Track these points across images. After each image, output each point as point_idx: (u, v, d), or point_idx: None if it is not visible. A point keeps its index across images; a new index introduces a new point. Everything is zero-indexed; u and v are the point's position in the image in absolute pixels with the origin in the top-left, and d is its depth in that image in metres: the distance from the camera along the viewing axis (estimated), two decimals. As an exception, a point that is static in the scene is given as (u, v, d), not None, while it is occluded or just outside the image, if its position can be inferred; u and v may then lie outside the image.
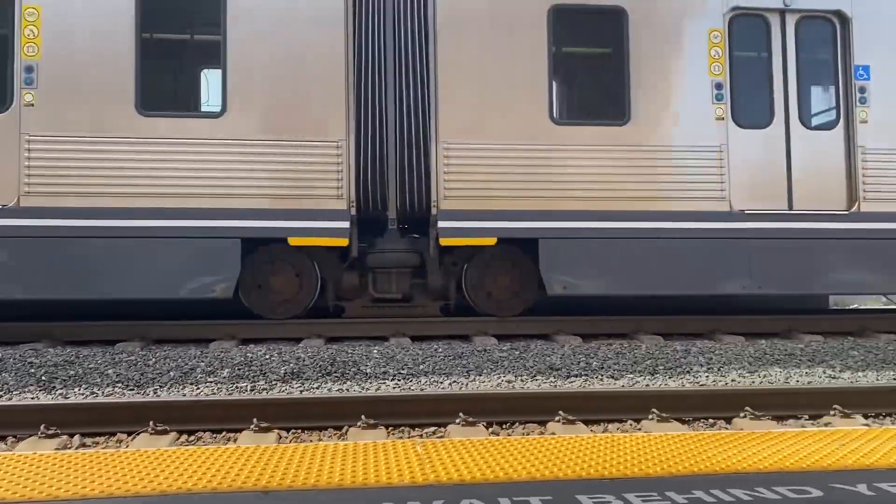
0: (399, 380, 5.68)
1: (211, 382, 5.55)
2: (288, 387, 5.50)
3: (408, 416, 4.84)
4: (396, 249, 7.56)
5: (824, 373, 6.11)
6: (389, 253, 7.52)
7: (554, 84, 7.53)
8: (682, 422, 4.94)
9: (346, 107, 7.03)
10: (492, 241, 7.25)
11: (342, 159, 7.01)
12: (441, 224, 7.15)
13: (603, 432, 4.82)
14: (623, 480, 2.38)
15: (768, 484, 2.30)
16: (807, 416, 5.06)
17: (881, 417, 5.11)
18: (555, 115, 7.45)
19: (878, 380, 5.95)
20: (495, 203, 7.21)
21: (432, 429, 4.75)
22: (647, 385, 5.80)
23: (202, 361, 5.94)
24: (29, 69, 6.72)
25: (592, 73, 8.27)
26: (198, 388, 5.38)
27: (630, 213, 7.35)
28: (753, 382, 5.85)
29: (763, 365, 6.25)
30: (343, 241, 7.06)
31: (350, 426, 4.62)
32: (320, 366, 5.88)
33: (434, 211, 7.21)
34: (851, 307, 15.87)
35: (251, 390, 5.42)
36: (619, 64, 7.48)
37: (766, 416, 4.93)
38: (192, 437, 4.53)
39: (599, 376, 5.95)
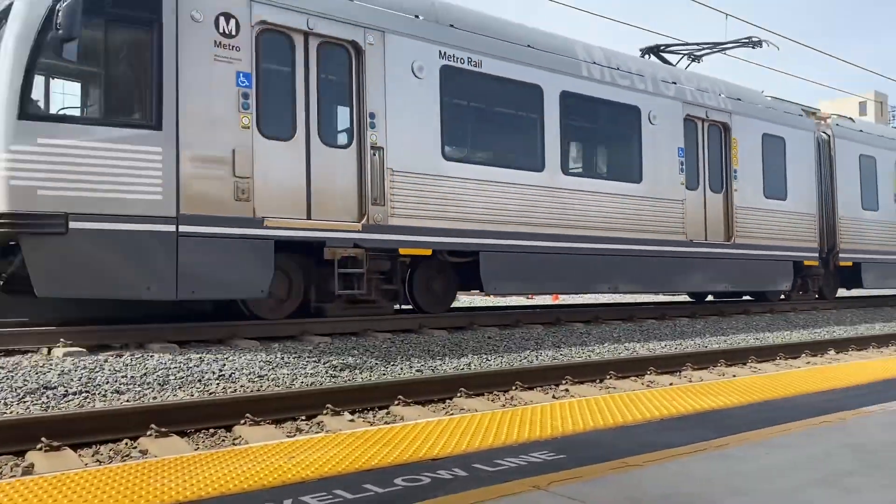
0: None
1: None
2: None
3: None
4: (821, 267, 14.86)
5: (327, 372, 6.69)
6: (821, 268, 14.89)
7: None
8: (184, 434, 4.91)
9: (817, 195, 14.67)
10: (850, 263, 15.26)
11: (815, 224, 14.50)
12: (840, 255, 14.88)
13: (93, 456, 4.53)
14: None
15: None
16: (304, 417, 5.46)
17: (365, 412, 5.79)
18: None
19: (370, 377, 6.74)
20: (855, 245, 15.18)
21: None
22: (155, 398, 5.64)
23: None
24: (734, 171, 12.85)
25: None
26: None
27: None
28: (262, 387, 6.12)
29: (273, 368, 6.57)
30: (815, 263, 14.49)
31: None
32: None
33: (836, 249, 14.81)
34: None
35: None
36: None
37: (265, 421, 5.19)
38: None
39: (103, 392, 5.59)
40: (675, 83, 12.15)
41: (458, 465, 3.01)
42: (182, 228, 7.14)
